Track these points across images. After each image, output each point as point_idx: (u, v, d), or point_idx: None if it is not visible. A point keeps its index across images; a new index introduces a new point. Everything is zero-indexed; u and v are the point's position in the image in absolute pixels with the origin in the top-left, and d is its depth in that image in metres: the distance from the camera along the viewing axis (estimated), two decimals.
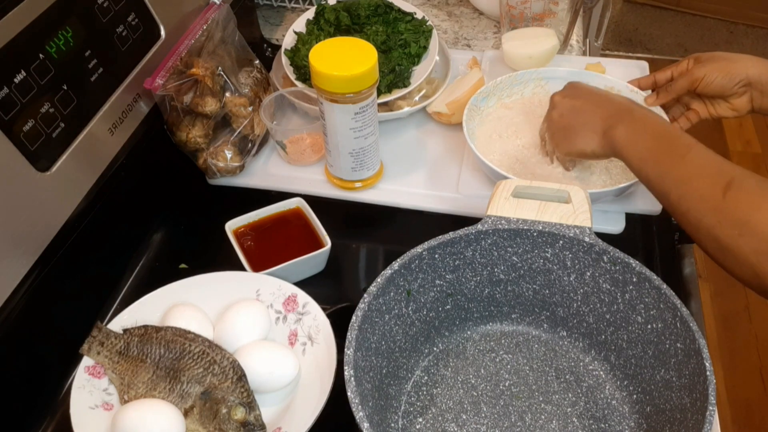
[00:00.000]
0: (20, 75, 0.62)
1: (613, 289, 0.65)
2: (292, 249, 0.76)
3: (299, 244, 0.77)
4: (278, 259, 0.74)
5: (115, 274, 0.80)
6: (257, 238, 0.79)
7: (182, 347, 0.65)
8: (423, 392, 0.68)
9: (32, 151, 0.63)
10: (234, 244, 0.77)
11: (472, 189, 0.84)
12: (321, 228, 0.78)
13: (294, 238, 0.79)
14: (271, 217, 0.81)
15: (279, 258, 0.75)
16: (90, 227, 0.72)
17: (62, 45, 0.67)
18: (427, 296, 0.67)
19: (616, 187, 0.75)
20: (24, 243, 0.63)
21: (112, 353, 0.66)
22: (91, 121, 0.70)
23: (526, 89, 0.91)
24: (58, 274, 0.68)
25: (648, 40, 2.86)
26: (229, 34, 0.88)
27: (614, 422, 0.65)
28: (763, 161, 2.38)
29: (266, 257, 0.76)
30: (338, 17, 0.97)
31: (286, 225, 0.81)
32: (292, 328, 0.70)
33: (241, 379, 0.63)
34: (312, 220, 0.80)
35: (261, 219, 0.81)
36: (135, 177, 0.79)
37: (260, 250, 0.78)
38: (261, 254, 0.77)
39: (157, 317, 0.69)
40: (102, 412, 0.63)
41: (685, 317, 0.59)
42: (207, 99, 0.81)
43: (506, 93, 0.91)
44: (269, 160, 0.91)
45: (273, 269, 0.74)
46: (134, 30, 0.77)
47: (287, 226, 0.81)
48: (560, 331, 0.71)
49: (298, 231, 0.80)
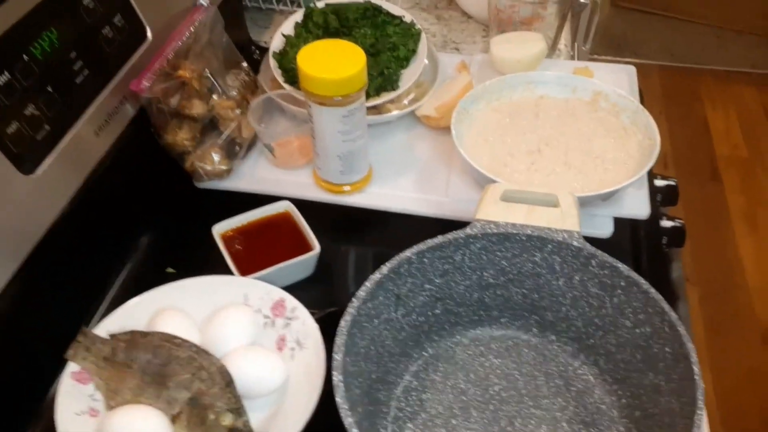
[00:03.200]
0: (4, 76, 0.61)
1: (602, 293, 0.65)
2: (280, 253, 0.76)
3: (288, 248, 0.77)
4: (266, 263, 0.74)
5: (101, 279, 0.79)
6: (245, 242, 0.78)
7: (169, 353, 0.64)
8: (413, 397, 0.67)
9: (16, 153, 0.62)
10: (221, 248, 0.76)
11: (461, 193, 0.84)
12: (309, 232, 0.78)
13: (282, 242, 0.78)
14: (259, 220, 0.80)
15: (267, 262, 0.74)
16: (75, 231, 0.71)
17: (47, 46, 0.66)
18: (417, 301, 0.67)
19: (605, 191, 0.75)
20: (8, 247, 0.62)
21: (98, 359, 0.65)
22: (76, 124, 0.70)
23: (515, 93, 0.91)
24: (42, 278, 0.67)
25: (636, 45, 2.88)
26: (217, 36, 0.87)
27: (603, 427, 0.64)
28: (750, 165, 2.40)
29: (254, 261, 0.75)
30: (326, 20, 0.97)
31: (275, 229, 0.80)
32: (281, 333, 0.69)
33: (229, 384, 0.62)
34: (300, 223, 0.79)
35: (249, 223, 0.80)
36: (121, 180, 0.79)
37: (248, 254, 0.77)
38: (249, 258, 0.76)
39: (143, 322, 0.69)
40: (88, 419, 0.63)
41: (673, 321, 0.59)
42: (194, 101, 0.80)
43: (495, 96, 0.91)
44: (257, 164, 0.91)
45: (261, 273, 0.73)
46: (120, 31, 0.76)
47: (276, 229, 0.80)
48: (549, 335, 0.71)
49: (287, 235, 0.79)
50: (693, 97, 2.67)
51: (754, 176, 2.35)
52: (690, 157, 2.41)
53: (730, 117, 2.58)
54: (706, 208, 2.24)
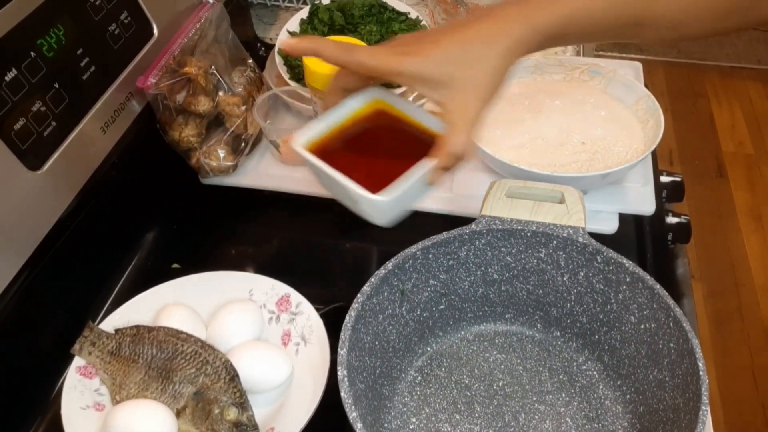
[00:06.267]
0: (11, 73, 0.61)
1: (607, 289, 0.65)
2: (402, 158, 0.56)
3: (406, 149, 0.57)
4: (390, 174, 0.54)
5: (106, 274, 0.79)
6: (344, 153, 0.57)
7: (174, 347, 0.64)
8: (416, 392, 0.67)
9: (23, 149, 0.62)
10: (318, 163, 0.55)
11: (466, 188, 0.84)
12: (427, 117, 0.58)
13: (393, 144, 0.59)
14: (347, 123, 0.59)
15: (393, 170, 0.54)
16: (81, 226, 0.71)
17: (54, 43, 0.66)
18: (421, 296, 0.67)
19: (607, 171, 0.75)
20: (14, 242, 0.63)
21: (104, 353, 0.66)
22: (83, 120, 0.70)
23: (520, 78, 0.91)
24: (49, 273, 0.67)
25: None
26: (223, 33, 0.88)
27: (607, 422, 0.65)
28: (755, 162, 2.39)
29: (374, 174, 0.55)
30: (332, 17, 0.97)
31: (374, 131, 0.60)
32: (285, 328, 0.70)
33: (233, 379, 0.63)
34: (407, 112, 0.59)
35: (338, 127, 0.58)
36: (127, 176, 0.79)
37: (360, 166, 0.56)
38: (368, 170, 0.56)
39: (149, 317, 0.69)
40: (93, 413, 0.63)
41: (678, 317, 0.59)
42: (200, 98, 0.80)
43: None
44: (262, 160, 0.91)
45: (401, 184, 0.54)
46: (127, 28, 0.76)
47: (375, 131, 0.60)
48: (554, 331, 0.71)
49: (392, 134, 0.60)
50: (698, 93, 2.67)
51: (759, 172, 2.35)
52: (695, 154, 2.40)
53: (736, 113, 2.57)
54: (712, 205, 2.23)
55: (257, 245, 0.86)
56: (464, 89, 0.53)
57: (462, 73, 0.52)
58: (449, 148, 0.54)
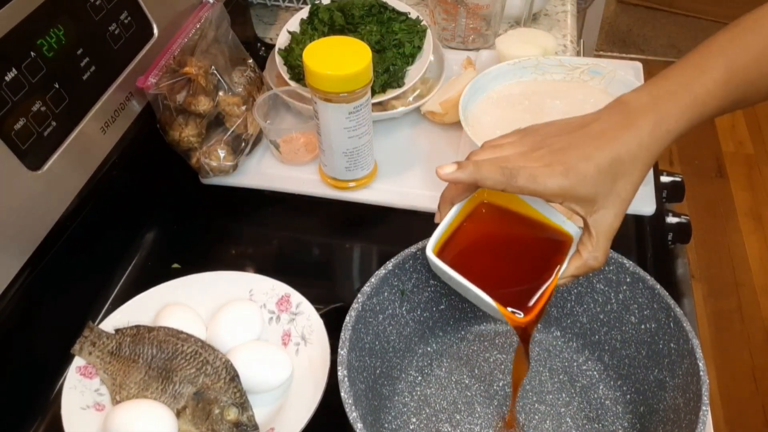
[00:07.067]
0: (11, 73, 0.61)
1: (607, 289, 0.65)
2: (528, 256, 0.58)
3: (529, 246, 0.58)
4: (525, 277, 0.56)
5: (106, 274, 0.79)
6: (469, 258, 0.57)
7: (174, 347, 0.64)
8: (417, 392, 0.67)
9: (23, 149, 0.62)
10: (454, 274, 0.55)
11: None
12: (554, 212, 0.57)
13: (515, 240, 0.59)
14: (461, 217, 0.58)
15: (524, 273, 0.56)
16: (82, 226, 0.71)
17: (54, 43, 0.66)
18: (421, 296, 0.67)
19: None
20: (15, 242, 0.63)
21: (104, 353, 0.66)
22: (83, 120, 0.70)
23: (522, 78, 0.91)
24: (49, 273, 0.67)
25: (641, 41, 2.87)
26: (223, 33, 0.88)
27: (608, 422, 0.65)
28: (755, 162, 2.39)
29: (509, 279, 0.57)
30: (332, 17, 0.97)
31: (487, 223, 0.59)
32: (286, 329, 0.70)
33: (233, 379, 0.63)
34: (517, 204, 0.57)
35: (452, 227, 0.58)
36: (127, 176, 0.79)
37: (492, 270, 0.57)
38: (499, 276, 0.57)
39: (149, 317, 0.69)
40: (93, 413, 0.63)
41: (678, 317, 0.59)
42: (200, 98, 0.81)
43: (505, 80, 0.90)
44: (263, 160, 0.91)
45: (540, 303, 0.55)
46: (127, 28, 0.76)
47: (490, 224, 0.59)
48: (554, 331, 0.71)
49: (509, 228, 0.59)
50: None
51: (759, 172, 2.35)
52: (696, 154, 2.40)
53: (736, 113, 2.57)
54: (712, 205, 2.23)
55: (257, 245, 0.86)
56: (612, 205, 0.54)
57: (610, 189, 0.53)
58: (590, 262, 0.55)
